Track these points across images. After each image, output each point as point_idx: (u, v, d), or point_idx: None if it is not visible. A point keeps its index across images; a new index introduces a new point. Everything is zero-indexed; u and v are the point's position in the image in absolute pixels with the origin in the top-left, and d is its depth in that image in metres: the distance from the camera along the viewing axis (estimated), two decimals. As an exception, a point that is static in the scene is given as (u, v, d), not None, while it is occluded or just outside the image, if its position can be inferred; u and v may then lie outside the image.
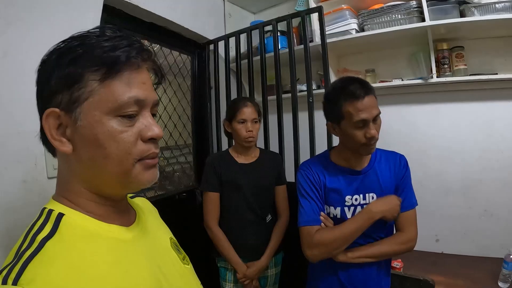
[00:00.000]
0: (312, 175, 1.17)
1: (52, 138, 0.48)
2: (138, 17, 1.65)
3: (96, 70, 0.47)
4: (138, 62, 0.50)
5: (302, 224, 1.13)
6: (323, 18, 1.61)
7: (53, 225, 0.47)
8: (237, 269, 1.50)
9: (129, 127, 0.49)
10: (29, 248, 0.43)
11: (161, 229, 0.68)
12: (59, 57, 0.48)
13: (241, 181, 1.52)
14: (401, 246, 1.12)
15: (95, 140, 0.48)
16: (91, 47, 0.47)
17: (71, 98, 0.47)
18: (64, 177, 0.52)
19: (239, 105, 1.52)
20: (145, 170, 0.51)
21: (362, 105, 1.02)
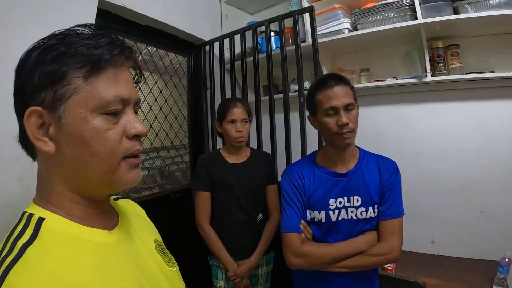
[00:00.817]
0: (296, 181, 1.17)
1: (34, 138, 0.47)
2: (133, 20, 1.70)
3: (80, 67, 0.46)
4: (121, 60, 0.50)
5: (285, 230, 1.13)
6: (314, 18, 1.61)
7: (33, 230, 0.46)
8: (228, 267, 1.52)
9: (114, 124, 0.49)
10: (9, 255, 0.42)
11: (146, 231, 0.66)
12: (40, 55, 0.46)
13: (232, 180, 1.54)
14: (380, 258, 1.09)
15: (80, 138, 0.47)
16: (74, 45, 0.47)
17: (55, 95, 0.46)
18: (45, 179, 0.51)
19: (228, 105, 1.54)
20: (130, 170, 0.52)
21: (332, 93, 1.06)
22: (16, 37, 1.15)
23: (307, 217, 1.16)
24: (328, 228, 1.14)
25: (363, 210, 1.12)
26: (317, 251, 1.09)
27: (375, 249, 1.09)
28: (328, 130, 1.09)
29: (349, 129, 1.06)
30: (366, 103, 1.90)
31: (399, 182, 1.16)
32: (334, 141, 1.10)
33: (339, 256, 1.08)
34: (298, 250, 1.09)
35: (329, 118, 1.08)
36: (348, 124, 1.06)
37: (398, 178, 1.16)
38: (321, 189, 1.14)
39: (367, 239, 1.11)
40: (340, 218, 1.13)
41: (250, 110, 1.61)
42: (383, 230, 1.11)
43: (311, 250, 1.10)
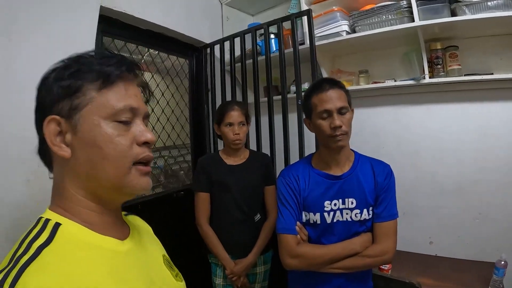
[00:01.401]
0: (291, 183, 1.19)
1: (51, 143, 0.51)
2: (134, 25, 1.74)
3: (93, 81, 0.52)
4: (130, 76, 0.56)
5: (281, 231, 1.16)
6: (311, 21, 1.63)
7: (49, 233, 0.48)
8: (225, 265, 1.56)
9: (125, 132, 0.53)
10: (25, 254, 0.44)
11: (154, 246, 0.69)
12: (59, 72, 0.53)
13: (230, 181, 1.58)
14: (375, 259, 1.11)
15: (93, 141, 0.51)
16: (88, 63, 0.53)
17: (72, 105, 0.51)
18: (61, 186, 0.54)
19: (226, 108, 1.58)
20: (140, 176, 0.55)
21: (326, 96, 1.10)
22: (20, 47, 1.20)
23: (302, 218, 1.19)
24: (323, 230, 1.16)
25: (358, 212, 1.14)
26: (313, 252, 1.12)
27: (370, 250, 1.11)
28: (322, 132, 1.12)
29: (342, 132, 1.09)
30: (365, 104, 1.91)
31: (393, 185, 1.18)
32: (327, 143, 1.12)
33: (334, 257, 1.10)
34: (293, 251, 1.12)
35: (323, 121, 1.11)
36: (342, 127, 1.08)
37: (393, 181, 1.18)
38: (316, 191, 1.17)
39: (361, 240, 1.13)
40: (335, 220, 1.15)
41: (248, 113, 1.64)
42: (377, 232, 1.13)
43: (306, 251, 1.12)
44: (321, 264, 1.11)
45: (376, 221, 1.14)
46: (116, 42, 1.70)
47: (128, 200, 0.59)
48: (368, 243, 1.13)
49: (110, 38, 1.66)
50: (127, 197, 0.58)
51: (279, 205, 1.20)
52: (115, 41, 1.69)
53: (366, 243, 1.13)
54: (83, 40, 1.41)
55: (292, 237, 1.14)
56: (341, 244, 1.12)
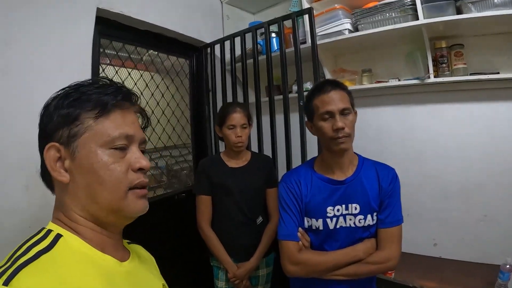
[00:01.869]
0: (293, 188, 1.17)
1: (51, 169, 0.54)
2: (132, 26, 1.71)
3: (91, 110, 0.55)
4: (127, 104, 0.59)
5: (282, 238, 1.14)
6: (313, 20, 1.60)
7: (50, 242, 0.50)
8: (228, 268, 1.55)
9: (121, 159, 0.56)
10: (24, 256, 0.46)
11: (154, 274, 0.70)
12: (59, 101, 0.55)
13: (231, 184, 1.56)
14: (378, 266, 1.08)
15: (91, 168, 0.54)
16: (86, 92, 0.56)
17: (70, 133, 0.54)
18: (62, 206, 0.56)
19: (228, 110, 1.55)
20: (137, 199, 0.57)
21: (328, 97, 1.08)
22: (17, 52, 1.19)
23: (304, 224, 1.17)
24: (326, 236, 1.14)
25: (362, 218, 1.12)
26: (315, 259, 1.10)
27: (373, 257, 1.09)
28: (324, 135, 1.09)
29: (345, 134, 1.06)
30: (368, 104, 1.88)
31: (398, 190, 1.15)
32: (330, 146, 1.10)
33: (336, 264, 1.08)
34: (295, 257, 1.10)
35: (325, 122, 1.08)
36: (344, 129, 1.05)
37: (397, 186, 1.15)
38: (318, 196, 1.14)
39: (365, 247, 1.10)
40: (338, 226, 1.13)
41: (250, 115, 1.61)
42: (381, 238, 1.11)
43: (308, 258, 1.10)
44: (323, 271, 1.09)
45: (381, 227, 1.12)
46: (114, 43, 1.68)
47: (127, 223, 0.61)
48: (371, 249, 1.11)
49: (108, 40, 1.64)
50: (126, 221, 0.60)
51: (281, 211, 1.18)
52: (113, 42, 1.67)
53: (370, 250, 1.10)
54: (80, 43, 1.40)
55: (293, 244, 1.12)
56: (344, 251, 1.10)
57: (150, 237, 1.27)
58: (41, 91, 1.21)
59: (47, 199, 1.20)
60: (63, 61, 1.32)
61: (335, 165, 1.15)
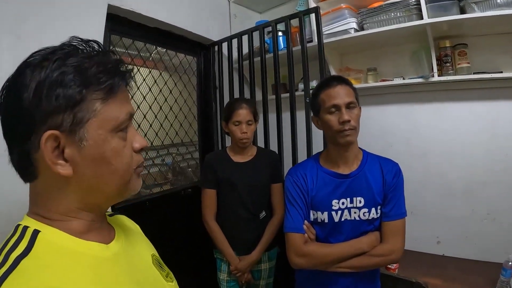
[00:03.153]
0: (299, 181, 1.19)
1: (52, 163, 0.46)
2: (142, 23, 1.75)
3: (97, 91, 0.48)
4: (127, 82, 0.54)
5: (288, 230, 1.16)
6: (319, 19, 1.62)
7: (28, 242, 0.45)
8: (230, 261, 1.58)
9: (125, 141, 0.52)
10: (3, 266, 0.41)
11: (142, 246, 0.66)
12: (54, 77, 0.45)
13: (235, 179, 1.58)
14: (382, 259, 1.11)
15: (102, 158, 0.49)
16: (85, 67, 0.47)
17: (75, 118, 0.46)
18: (47, 198, 0.49)
19: (234, 106, 1.58)
20: (138, 178, 0.56)
21: (334, 92, 1.11)
22: (29, 45, 1.20)
23: (310, 217, 1.19)
24: (331, 229, 1.17)
25: (366, 211, 1.14)
26: (320, 251, 1.12)
27: (377, 250, 1.11)
28: (330, 128, 1.12)
29: (350, 126, 1.09)
30: (373, 102, 1.90)
31: (401, 184, 1.17)
32: (336, 138, 1.12)
33: (341, 257, 1.10)
34: (301, 250, 1.12)
35: (331, 116, 1.11)
36: (350, 121, 1.08)
37: (401, 180, 1.17)
38: (324, 189, 1.17)
39: (369, 240, 1.12)
40: (343, 219, 1.15)
41: (256, 111, 1.63)
42: (385, 231, 1.13)
43: (313, 250, 1.12)
44: (328, 263, 1.11)
45: (384, 220, 1.14)
46: (124, 40, 1.72)
47: None
48: (376, 242, 1.13)
49: (118, 37, 1.67)
50: (125, 198, 0.57)
51: (287, 204, 1.21)
52: (123, 39, 1.70)
53: (374, 242, 1.12)
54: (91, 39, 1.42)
55: (299, 236, 1.14)
56: (348, 243, 1.12)
57: (156, 231, 1.29)
58: None
59: None
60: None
61: (340, 159, 1.17)
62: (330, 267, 1.12)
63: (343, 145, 1.13)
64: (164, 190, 2.00)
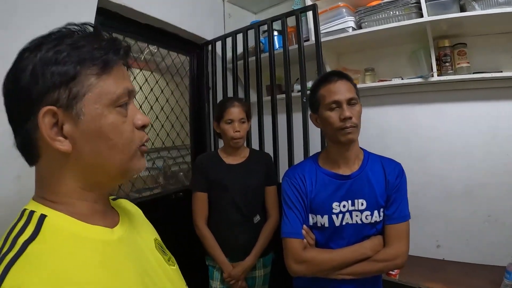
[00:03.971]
0: (297, 183, 1.13)
1: (50, 138, 0.46)
2: (133, 19, 1.68)
3: (92, 66, 0.48)
4: (124, 58, 0.54)
5: (287, 235, 1.09)
6: (317, 17, 1.58)
7: (35, 227, 0.45)
8: (223, 268, 1.50)
9: (125, 117, 0.52)
10: (10, 251, 0.41)
11: (145, 230, 0.67)
12: (49, 56, 0.46)
13: (228, 181, 1.52)
14: (386, 264, 1.05)
15: (99, 132, 0.49)
16: (79, 45, 0.48)
17: (71, 93, 0.47)
18: (50, 179, 0.50)
19: (226, 105, 1.52)
20: (141, 157, 0.55)
21: (334, 87, 1.06)
22: (17, 38, 1.14)
23: (309, 221, 1.12)
24: (331, 233, 1.10)
25: (368, 214, 1.08)
26: (320, 257, 1.06)
27: (381, 254, 1.05)
28: (330, 125, 1.06)
29: (352, 124, 1.03)
30: (371, 103, 1.86)
31: (405, 185, 1.12)
32: (337, 137, 1.06)
33: (343, 262, 1.04)
34: (300, 256, 1.06)
35: (332, 112, 1.05)
36: (352, 118, 1.03)
37: (404, 180, 1.12)
38: (324, 192, 1.10)
39: (372, 244, 1.07)
40: (344, 223, 1.09)
41: (249, 110, 1.58)
42: (389, 235, 1.07)
43: (313, 256, 1.06)
44: (329, 270, 1.04)
45: (388, 223, 1.08)
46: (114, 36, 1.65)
47: None
48: (379, 246, 1.07)
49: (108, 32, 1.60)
50: (125, 180, 0.59)
51: (285, 208, 1.14)
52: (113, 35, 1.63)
53: (377, 247, 1.06)
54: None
55: (298, 242, 1.07)
56: (350, 248, 1.06)
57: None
58: None
59: None
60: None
61: (340, 159, 1.11)
62: (331, 274, 1.05)
63: (344, 143, 1.07)
64: (154, 194, 1.92)
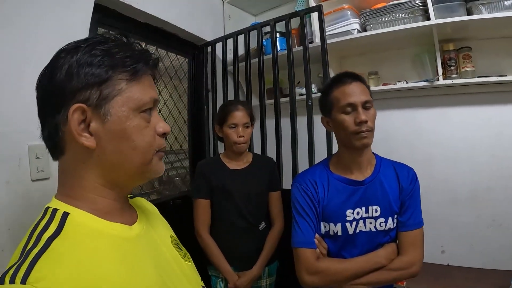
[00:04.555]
0: (308, 190, 1.08)
1: (77, 133, 0.50)
2: (132, 17, 1.62)
3: (123, 72, 0.52)
4: (152, 69, 0.58)
5: (298, 245, 1.04)
6: (323, 18, 1.55)
7: (58, 224, 0.48)
8: (228, 278, 1.44)
9: (148, 123, 0.55)
10: (35, 247, 0.44)
11: (161, 227, 0.70)
12: (85, 58, 0.50)
13: (232, 187, 1.46)
14: (402, 272, 1.01)
15: (123, 133, 0.52)
16: (114, 52, 0.52)
17: (101, 94, 0.50)
18: (73, 175, 0.53)
19: (230, 108, 1.46)
20: (160, 161, 0.58)
21: (349, 89, 1.01)
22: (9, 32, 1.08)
23: (321, 230, 1.08)
24: (344, 242, 1.06)
25: (383, 221, 1.04)
26: (335, 267, 1.01)
27: (396, 263, 1.01)
28: (345, 129, 1.02)
29: (368, 128, 1.00)
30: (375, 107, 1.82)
31: (418, 190, 1.09)
32: (351, 141, 1.02)
33: (358, 272, 1.00)
34: (313, 266, 1.01)
35: (347, 115, 1.01)
36: (367, 122, 0.99)
37: (417, 186, 1.09)
38: (337, 198, 1.06)
39: (386, 252, 1.03)
40: (357, 231, 1.05)
41: (253, 114, 1.53)
42: (404, 242, 1.04)
43: (328, 266, 1.01)
44: (343, 280, 1.00)
45: (402, 230, 1.05)
46: (112, 34, 1.57)
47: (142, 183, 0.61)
48: (393, 254, 1.03)
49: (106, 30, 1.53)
50: (144, 181, 0.61)
51: (295, 216, 1.08)
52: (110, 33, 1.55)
53: (391, 255, 1.03)
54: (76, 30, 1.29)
55: (311, 252, 1.03)
56: (365, 257, 1.02)
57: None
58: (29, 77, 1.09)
59: (29, 196, 1.06)
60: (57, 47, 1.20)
61: (353, 165, 1.07)
62: (345, 285, 1.01)
63: (359, 148, 1.03)
64: (152, 200, 1.83)
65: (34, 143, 1.10)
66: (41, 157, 1.13)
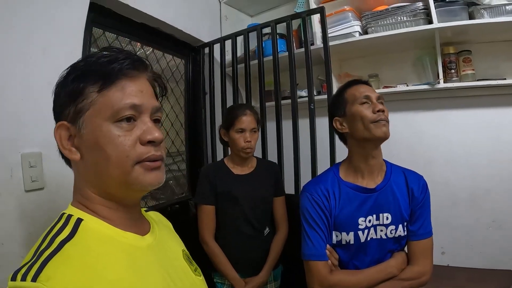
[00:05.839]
0: (320, 200, 1.04)
1: (62, 147, 0.54)
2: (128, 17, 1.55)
3: (94, 83, 0.52)
4: (133, 73, 0.55)
5: (310, 258, 1.01)
6: (325, 20, 1.52)
7: (72, 228, 0.50)
8: (235, 284, 1.40)
9: (128, 131, 0.52)
10: (48, 248, 0.46)
11: (174, 241, 0.71)
12: (65, 77, 0.55)
13: (237, 193, 1.42)
14: (412, 282, 1.00)
15: (96, 144, 0.52)
16: (90, 64, 0.54)
17: (76, 109, 0.52)
18: (78, 185, 0.56)
19: (238, 113, 1.42)
20: (147, 172, 0.53)
21: (362, 87, 1.06)
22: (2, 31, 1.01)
23: (332, 239, 1.05)
24: (356, 250, 1.04)
25: (393, 229, 1.03)
26: (348, 280, 0.99)
27: (407, 273, 1.00)
28: (363, 119, 1.00)
29: (385, 117, 1.00)
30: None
31: (429, 199, 1.09)
32: (371, 131, 0.98)
33: (370, 283, 0.98)
34: (326, 280, 0.98)
35: (364, 106, 1.01)
36: (384, 112, 1.00)
37: (428, 195, 1.09)
38: (348, 207, 1.03)
39: (397, 262, 1.02)
40: (369, 238, 1.03)
41: (259, 118, 1.50)
42: (414, 251, 1.03)
43: (341, 279, 0.99)
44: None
45: (413, 239, 1.04)
46: (107, 34, 1.50)
47: (142, 195, 0.61)
48: (404, 264, 1.03)
49: (101, 30, 1.46)
50: (139, 193, 0.58)
51: (306, 227, 1.05)
52: (106, 33, 1.48)
53: (402, 265, 1.02)
54: (71, 30, 1.22)
55: (323, 264, 1.00)
56: (377, 268, 1.01)
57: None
58: (22, 77, 1.02)
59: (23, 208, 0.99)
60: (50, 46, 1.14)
61: (365, 170, 1.05)
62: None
63: (379, 138, 1.00)
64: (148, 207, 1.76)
65: (27, 151, 1.04)
66: (34, 166, 1.06)
